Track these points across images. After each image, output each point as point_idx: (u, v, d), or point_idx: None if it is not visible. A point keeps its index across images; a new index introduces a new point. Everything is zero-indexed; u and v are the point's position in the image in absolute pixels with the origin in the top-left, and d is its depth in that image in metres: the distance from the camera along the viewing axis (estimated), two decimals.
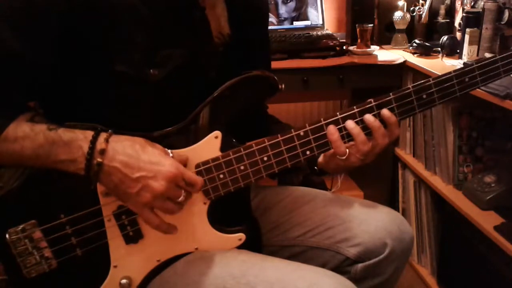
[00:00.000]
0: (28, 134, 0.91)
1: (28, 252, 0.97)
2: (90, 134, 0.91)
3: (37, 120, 0.94)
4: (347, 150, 1.02)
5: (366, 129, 1.01)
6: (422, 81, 1.03)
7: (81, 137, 0.91)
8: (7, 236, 0.96)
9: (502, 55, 1.02)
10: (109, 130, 0.92)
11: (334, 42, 2.14)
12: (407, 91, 1.02)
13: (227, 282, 0.96)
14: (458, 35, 2.11)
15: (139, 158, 0.91)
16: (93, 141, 0.90)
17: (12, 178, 0.97)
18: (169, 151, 0.96)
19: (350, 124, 1.00)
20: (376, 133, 1.01)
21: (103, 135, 0.91)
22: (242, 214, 1.15)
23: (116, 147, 0.91)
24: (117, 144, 0.91)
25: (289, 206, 1.23)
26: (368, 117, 1.01)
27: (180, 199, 0.93)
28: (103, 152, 0.90)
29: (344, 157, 1.03)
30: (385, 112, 1.01)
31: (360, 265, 1.12)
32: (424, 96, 1.02)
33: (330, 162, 1.11)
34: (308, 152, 1.01)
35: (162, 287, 1.02)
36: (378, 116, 1.01)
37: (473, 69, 1.02)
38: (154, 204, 0.93)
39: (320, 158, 1.15)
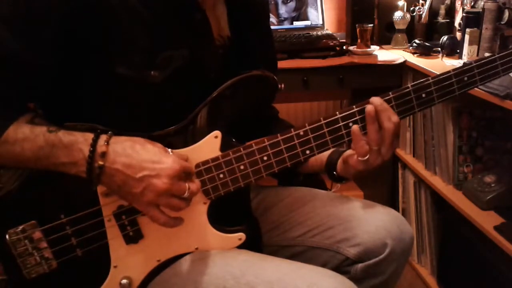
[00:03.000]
0: (28, 136, 0.91)
1: (28, 252, 0.97)
2: (90, 136, 0.91)
3: (37, 122, 0.94)
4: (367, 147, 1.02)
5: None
6: (421, 80, 1.03)
7: (81, 140, 0.91)
8: (7, 237, 0.96)
9: (501, 54, 1.02)
10: (109, 132, 0.92)
11: (334, 42, 2.14)
12: (406, 90, 1.02)
13: (227, 282, 0.96)
14: (458, 35, 2.11)
15: (141, 158, 0.91)
16: (94, 144, 0.90)
17: (12, 179, 0.97)
18: (169, 150, 0.96)
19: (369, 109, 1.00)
20: (380, 116, 1.00)
21: (103, 138, 0.91)
22: (242, 214, 1.15)
23: (116, 148, 0.91)
24: (118, 145, 0.91)
25: (289, 206, 1.23)
26: (374, 99, 1.01)
27: (185, 194, 0.93)
28: (104, 155, 0.90)
29: (365, 158, 1.03)
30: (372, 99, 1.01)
31: (360, 265, 1.12)
32: (423, 95, 1.02)
33: (350, 168, 1.10)
34: (307, 152, 1.01)
35: (162, 287, 1.02)
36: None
37: (472, 68, 1.02)
38: (159, 202, 0.92)
39: (338, 165, 1.14)
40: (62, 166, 0.91)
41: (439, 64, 1.98)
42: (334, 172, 1.17)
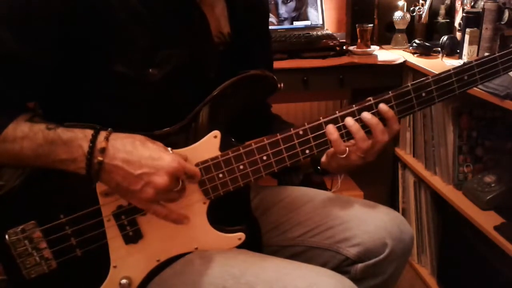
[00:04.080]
0: (27, 134, 0.91)
1: (27, 253, 0.97)
2: (89, 133, 0.91)
3: (36, 120, 0.94)
4: (347, 148, 1.02)
5: (366, 127, 1.01)
6: (421, 79, 1.03)
7: (81, 136, 0.91)
8: (6, 237, 0.96)
9: (501, 53, 1.02)
10: (109, 129, 0.92)
11: (334, 42, 2.14)
12: (406, 89, 1.02)
13: (227, 282, 0.96)
14: (458, 35, 2.10)
15: (140, 154, 0.91)
16: (93, 140, 0.90)
17: (13, 177, 0.97)
18: (169, 149, 0.95)
19: (349, 121, 1.00)
20: (374, 130, 1.01)
21: (102, 134, 0.91)
22: (242, 214, 1.16)
23: (116, 145, 0.91)
24: (117, 141, 0.91)
25: (289, 206, 1.23)
26: (366, 115, 1.01)
27: (178, 187, 0.94)
28: (103, 150, 0.90)
29: (344, 156, 1.03)
30: (382, 106, 1.01)
31: (360, 265, 1.12)
32: (423, 94, 1.02)
33: (332, 162, 1.11)
34: (307, 151, 1.01)
35: (162, 287, 1.02)
36: (376, 114, 1.01)
37: (472, 67, 1.02)
38: (158, 198, 0.93)
39: (323, 158, 1.14)
40: (62, 163, 0.91)
41: (439, 64, 1.98)
42: (318, 167, 1.17)
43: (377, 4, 2.39)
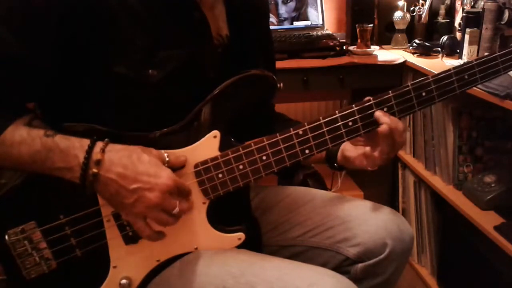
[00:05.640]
0: (25, 139, 0.91)
1: (27, 253, 0.97)
2: (86, 142, 0.91)
3: (35, 124, 0.94)
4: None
5: (368, 126, 1.02)
6: (421, 78, 1.03)
7: (77, 146, 0.90)
8: (6, 237, 0.96)
9: (502, 52, 1.02)
10: (106, 139, 0.92)
11: (334, 42, 2.14)
12: (406, 89, 1.02)
13: (227, 282, 0.96)
14: (458, 35, 2.11)
15: (136, 169, 0.90)
16: (89, 151, 0.90)
17: (13, 177, 0.97)
18: (166, 154, 0.95)
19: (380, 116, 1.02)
20: (395, 133, 1.02)
21: (99, 145, 0.91)
22: (241, 214, 1.15)
23: (112, 157, 0.90)
24: (113, 154, 0.91)
25: (289, 206, 1.23)
26: (385, 119, 1.02)
27: (175, 211, 0.93)
28: (99, 162, 0.89)
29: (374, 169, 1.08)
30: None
31: (360, 265, 1.12)
32: (424, 94, 1.02)
33: (350, 164, 1.14)
34: (307, 151, 1.01)
35: (162, 287, 1.02)
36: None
37: (472, 66, 1.02)
38: (148, 215, 0.93)
39: (339, 157, 1.17)
40: (58, 171, 0.91)
41: (439, 64, 1.98)
42: (335, 164, 1.18)
43: (377, 4, 2.39)
